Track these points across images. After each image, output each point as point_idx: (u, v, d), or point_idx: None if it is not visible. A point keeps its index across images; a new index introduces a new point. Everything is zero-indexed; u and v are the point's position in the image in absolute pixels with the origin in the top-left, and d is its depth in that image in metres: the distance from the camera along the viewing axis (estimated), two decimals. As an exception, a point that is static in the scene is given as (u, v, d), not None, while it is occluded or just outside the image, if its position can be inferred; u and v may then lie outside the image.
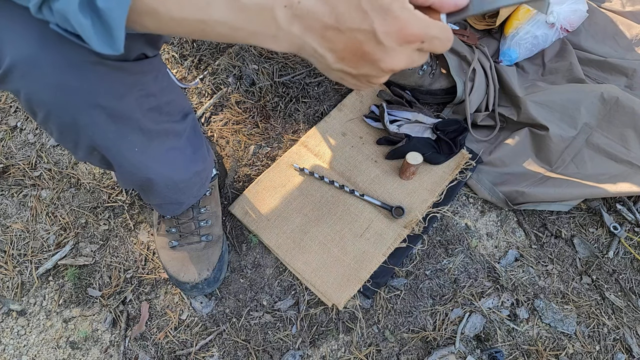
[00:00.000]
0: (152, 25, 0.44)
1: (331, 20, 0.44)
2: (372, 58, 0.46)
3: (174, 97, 0.73)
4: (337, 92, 1.28)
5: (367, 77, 0.49)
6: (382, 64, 0.46)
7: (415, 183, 1.15)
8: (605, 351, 1.03)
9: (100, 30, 0.41)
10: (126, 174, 0.75)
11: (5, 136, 1.23)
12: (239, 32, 0.45)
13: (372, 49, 0.45)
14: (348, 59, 0.47)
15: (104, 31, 0.41)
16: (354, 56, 0.46)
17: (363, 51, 0.46)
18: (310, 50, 0.47)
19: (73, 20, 0.40)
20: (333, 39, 0.45)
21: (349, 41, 0.45)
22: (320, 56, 0.47)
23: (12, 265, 1.09)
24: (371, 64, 0.47)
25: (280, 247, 1.08)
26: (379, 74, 0.49)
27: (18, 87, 0.53)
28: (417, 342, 1.03)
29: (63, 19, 0.41)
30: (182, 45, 1.34)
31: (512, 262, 1.11)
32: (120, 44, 0.42)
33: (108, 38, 0.42)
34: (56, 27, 0.43)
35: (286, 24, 0.44)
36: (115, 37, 0.41)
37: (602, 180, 1.12)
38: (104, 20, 0.40)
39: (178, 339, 1.03)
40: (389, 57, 0.46)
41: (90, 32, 0.41)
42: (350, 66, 0.48)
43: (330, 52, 0.47)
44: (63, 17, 0.41)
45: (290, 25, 0.44)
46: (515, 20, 1.23)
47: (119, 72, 0.57)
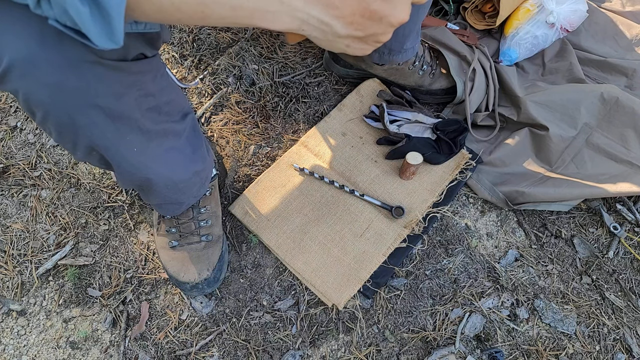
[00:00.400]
0: (153, 12, 0.43)
1: None
2: (380, 15, 0.48)
3: (173, 97, 0.73)
4: (337, 92, 1.28)
5: (374, 36, 0.51)
6: (391, 18, 0.48)
7: (415, 183, 1.15)
8: (605, 351, 1.03)
9: (99, 19, 0.40)
10: (125, 174, 0.75)
11: (5, 136, 1.23)
12: (240, 11, 0.45)
13: (380, 7, 0.47)
14: (357, 22, 0.48)
15: (102, 21, 0.41)
16: (362, 17, 0.48)
17: (371, 10, 0.47)
18: (314, 22, 0.47)
19: (71, 9, 0.39)
20: (339, 5, 0.46)
21: (356, 4, 0.46)
22: (326, 25, 0.48)
23: (12, 265, 1.09)
24: (379, 22, 0.48)
25: (280, 247, 1.08)
26: (387, 29, 0.50)
27: (16, 87, 0.53)
28: (417, 342, 1.03)
29: (62, 10, 0.40)
30: (182, 45, 1.34)
31: (512, 262, 1.11)
32: (120, 36, 0.42)
33: (107, 28, 0.41)
34: (55, 22, 0.42)
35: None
36: (114, 27, 0.41)
37: (602, 180, 1.12)
38: (103, 7, 0.40)
39: (178, 339, 1.03)
40: (397, 10, 0.48)
41: (89, 22, 0.40)
42: (359, 29, 0.49)
43: (337, 19, 0.47)
44: (62, 9, 0.40)
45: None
46: (515, 20, 1.23)
47: (118, 72, 0.57)
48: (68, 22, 0.42)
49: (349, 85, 1.29)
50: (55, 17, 0.41)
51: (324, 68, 1.30)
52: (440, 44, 1.21)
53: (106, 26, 0.41)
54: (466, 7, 1.31)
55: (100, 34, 0.41)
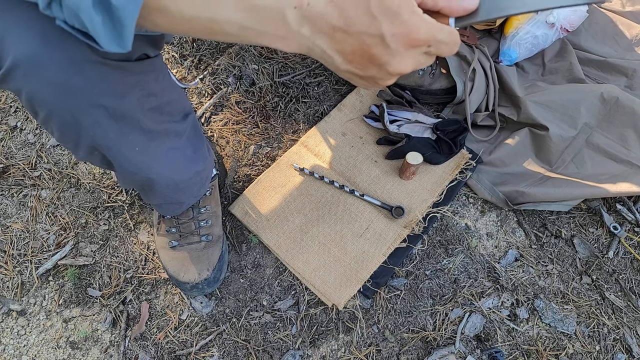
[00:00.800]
0: (163, 23, 0.44)
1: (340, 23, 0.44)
2: (379, 61, 0.47)
3: (175, 97, 0.73)
4: (337, 92, 1.28)
5: (374, 78, 0.50)
6: (389, 67, 0.47)
7: (415, 183, 1.15)
8: (605, 351, 1.03)
9: (110, 27, 0.41)
10: (127, 173, 0.75)
11: (5, 136, 1.23)
12: (248, 31, 0.45)
13: (380, 52, 0.46)
14: (356, 61, 0.47)
15: (113, 28, 0.41)
16: (362, 58, 0.47)
17: (370, 54, 0.46)
18: (319, 51, 0.47)
19: (84, 16, 0.40)
20: (341, 41, 0.46)
21: (356, 44, 0.46)
22: (329, 57, 0.48)
23: (12, 265, 1.09)
24: (378, 67, 0.48)
25: (280, 247, 1.08)
26: (386, 76, 0.49)
27: (20, 86, 0.53)
28: (417, 342, 1.03)
29: (73, 15, 0.40)
30: (182, 45, 1.34)
31: (512, 262, 1.11)
32: (129, 42, 0.42)
33: (117, 36, 0.41)
34: (63, 23, 0.43)
35: (296, 25, 0.44)
36: (125, 35, 0.41)
37: (602, 180, 1.12)
38: (116, 17, 0.40)
39: (178, 339, 1.03)
40: (396, 60, 0.46)
41: (100, 29, 0.40)
42: (358, 68, 0.48)
43: (338, 54, 0.47)
44: (73, 13, 0.40)
45: (300, 26, 0.44)
46: (515, 20, 1.23)
47: (121, 71, 0.57)
48: (77, 25, 0.42)
49: (349, 85, 1.29)
50: (64, 19, 0.42)
51: (324, 68, 1.30)
52: (440, 44, 1.21)
53: (116, 34, 0.41)
54: (466, 7, 1.31)
55: (110, 41, 0.42)
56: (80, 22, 0.41)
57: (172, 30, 0.45)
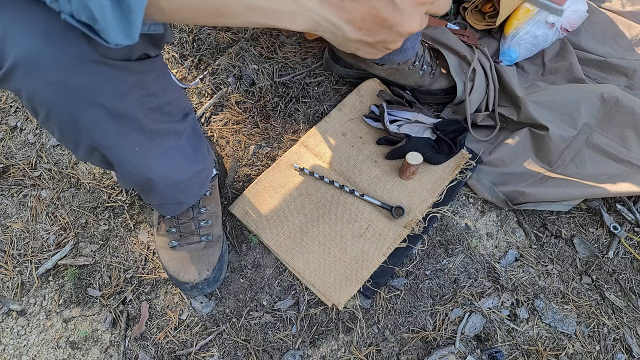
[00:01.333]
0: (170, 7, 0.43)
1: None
2: (390, 23, 0.48)
3: (175, 97, 0.73)
4: (337, 92, 1.28)
5: (384, 42, 0.51)
6: (400, 28, 0.49)
7: (415, 183, 1.15)
8: (605, 351, 1.03)
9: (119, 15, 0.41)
10: (126, 173, 0.75)
11: (5, 136, 1.23)
12: (256, 11, 0.45)
13: (390, 15, 0.47)
14: (367, 27, 0.48)
15: (122, 15, 0.41)
16: (373, 24, 0.48)
17: (382, 18, 0.47)
18: (326, 24, 0.48)
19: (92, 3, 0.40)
20: (351, 10, 0.47)
21: (367, 10, 0.47)
22: (337, 28, 0.49)
23: (12, 265, 1.09)
24: (389, 29, 0.49)
25: (280, 247, 1.08)
26: (397, 38, 0.51)
27: (20, 86, 0.53)
28: (417, 342, 1.03)
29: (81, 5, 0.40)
30: (182, 45, 1.34)
31: (512, 262, 1.11)
32: (137, 32, 0.42)
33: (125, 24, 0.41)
34: (69, 17, 0.42)
35: None
36: (133, 22, 0.41)
37: (602, 180, 1.12)
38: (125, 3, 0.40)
39: (178, 339, 1.03)
40: (407, 20, 0.49)
41: (109, 16, 0.40)
42: (369, 34, 0.49)
43: (348, 24, 0.48)
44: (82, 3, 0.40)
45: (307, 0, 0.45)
46: (515, 20, 1.23)
47: (121, 71, 0.57)
48: (83, 17, 0.41)
49: (349, 85, 1.29)
50: (70, 11, 0.41)
51: (324, 68, 1.31)
52: (440, 44, 1.21)
53: (125, 21, 0.41)
54: (466, 7, 1.31)
55: (117, 29, 0.42)
56: (89, 13, 0.41)
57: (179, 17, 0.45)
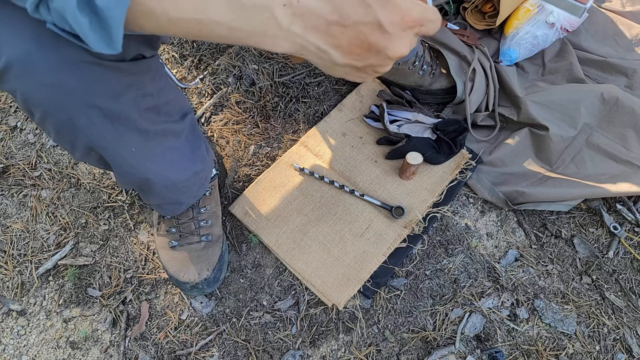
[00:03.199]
0: (149, 25, 0.43)
1: (335, 17, 0.44)
2: (378, 48, 0.47)
3: (172, 97, 0.73)
4: (337, 92, 1.28)
5: (373, 67, 0.50)
6: (389, 52, 0.48)
7: (415, 183, 1.15)
8: (605, 351, 1.03)
9: (98, 29, 0.41)
10: (124, 174, 0.75)
11: (5, 136, 1.23)
12: (237, 32, 0.44)
13: (378, 39, 0.46)
14: (355, 52, 0.48)
15: (101, 30, 0.41)
16: (360, 48, 0.47)
17: (369, 42, 0.46)
18: (313, 49, 0.47)
19: (70, 18, 0.40)
20: (338, 35, 0.46)
21: (354, 35, 0.46)
22: (324, 53, 0.47)
23: (12, 265, 1.09)
24: (377, 54, 0.48)
25: (280, 247, 1.08)
26: (385, 62, 0.50)
27: (14, 87, 0.53)
28: (417, 342, 1.03)
29: (60, 17, 0.40)
30: (182, 45, 1.34)
31: (512, 262, 1.11)
32: (118, 44, 0.42)
33: (106, 37, 0.41)
34: (53, 26, 0.42)
35: (287, 24, 0.44)
36: (114, 37, 0.41)
37: (602, 180, 1.12)
38: (102, 19, 0.40)
39: (178, 339, 1.03)
40: (395, 44, 0.47)
41: (87, 31, 0.40)
42: (357, 59, 0.48)
43: (335, 49, 0.47)
44: (60, 16, 0.40)
45: (291, 24, 0.44)
46: (515, 20, 1.23)
47: (116, 72, 0.57)
48: (66, 27, 0.42)
49: (349, 85, 1.29)
50: (53, 21, 0.42)
51: (324, 68, 1.30)
52: (440, 44, 1.21)
53: (105, 35, 0.41)
54: (466, 7, 1.31)
55: (98, 42, 0.41)
56: (68, 25, 0.41)
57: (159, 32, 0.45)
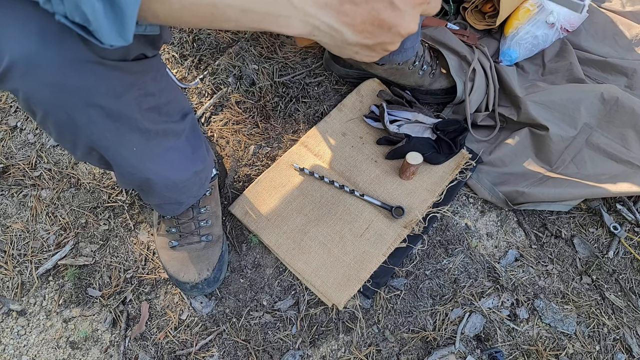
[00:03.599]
0: (162, 11, 0.43)
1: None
2: (390, 24, 0.48)
3: (173, 97, 0.73)
4: (337, 92, 1.28)
5: (383, 44, 0.51)
6: (400, 29, 0.49)
7: (415, 183, 1.15)
8: (605, 351, 1.03)
9: (111, 16, 0.40)
10: (125, 174, 0.75)
11: (5, 136, 1.23)
12: (251, 14, 0.44)
13: (390, 16, 0.47)
14: (367, 30, 0.49)
15: (115, 18, 0.41)
16: (372, 26, 0.48)
17: (381, 19, 0.48)
18: (325, 28, 0.48)
19: (85, 5, 0.39)
20: (350, 13, 0.47)
21: (366, 12, 0.47)
22: (337, 32, 0.48)
23: (12, 265, 1.09)
24: (388, 31, 0.49)
25: (280, 247, 1.08)
26: (395, 39, 0.51)
27: (17, 87, 0.53)
28: (417, 342, 1.03)
29: (74, 6, 0.40)
30: (182, 45, 1.34)
31: (512, 262, 1.11)
32: (130, 34, 0.42)
33: (119, 25, 0.41)
34: (63, 18, 0.42)
35: (299, 3, 0.44)
36: (126, 24, 0.41)
37: (602, 180, 1.12)
38: (117, 5, 0.40)
39: (178, 339, 1.03)
40: (406, 21, 0.49)
41: (101, 18, 0.40)
42: (368, 37, 0.50)
43: (347, 27, 0.48)
44: (74, 5, 0.40)
45: (304, 4, 0.45)
46: (515, 20, 1.23)
47: (118, 71, 0.57)
48: (77, 19, 0.41)
49: (349, 85, 1.29)
50: (64, 12, 0.41)
51: (324, 68, 1.30)
52: (440, 44, 1.21)
53: (118, 23, 0.41)
54: (466, 7, 1.31)
55: (111, 31, 0.41)
56: (82, 14, 0.40)
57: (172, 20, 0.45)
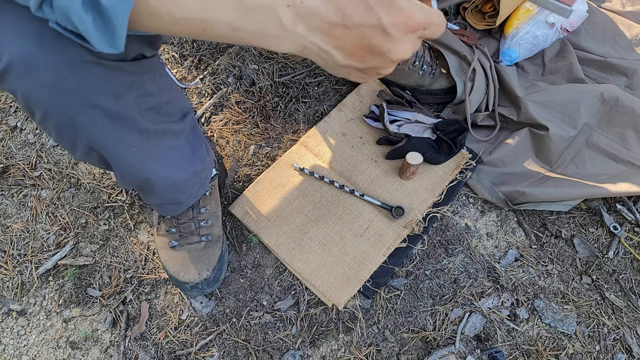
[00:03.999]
0: (152, 24, 0.43)
1: (338, 18, 0.44)
2: (380, 50, 0.47)
3: (173, 97, 0.73)
4: (337, 92, 1.28)
5: (374, 69, 0.50)
6: (391, 55, 0.48)
7: (415, 183, 1.15)
8: (605, 351, 1.03)
9: (101, 28, 0.41)
10: (125, 174, 0.75)
11: (5, 136, 1.23)
12: (241, 32, 0.44)
13: (381, 42, 0.46)
14: (357, 54, 0.48)
15: (105, 29, 0.41)
16: (362, 50, 0.47)
17: (371, 45, 0.46)
18: (315, 49, 0.47)
19: (74, 17, 0.40)
20: (340, 37, 0.46)
21: (357, 37, 0.46)
22: (326, 54, 0.48)
23: (12, 265, 1.09)
24: (379, 56, 0.48)
25: (280, 247, 1.08)
26: (387, 64, 0.50)
27: (15, 87, 0.53)
28: (417, 342, 1.03)
29: (64, 16, 0.40)
30: (182, 45, 1.34)
31: (512, 262, 1.11)
32: (121, 43, 0.42)
33: (109, 36, 0.41)
34: (56, 25, 0.42)
35: (290, 24, 0.44)
36: (117, 36, 0.41)
37: (602, 180, 1.12)
38: (106, 17, 0.40)
39: (178, 339, 1.03)
40: (397, 47, 0.47)
41: (91, 30, 0.40)
42: (359, 61, 0.48)
43: (337, 50, 0.47)
44: (64, 14, 0.40)
45: (295, 25, 0.44)
46: (515, 20, 1.23)
47: (117, 72, 0.57)
48: (69, 26, 0.42)
49: (349, 85, 1.29)
50: (56, 20, 0.41)
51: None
52: (440, 44, 1.21)
53: (108, 35, 0.41)
54: (466, 7, 1.31)
55: (101, 41, 0.42)
56: (72, 23, 0.41)
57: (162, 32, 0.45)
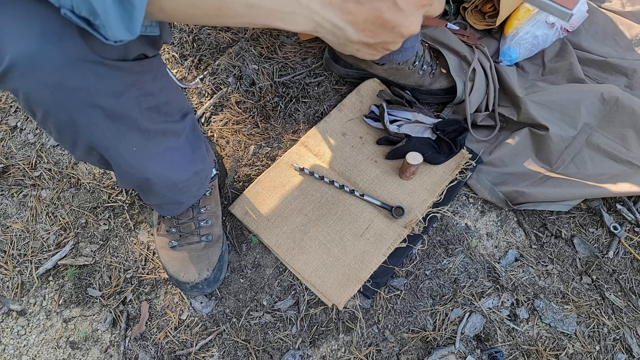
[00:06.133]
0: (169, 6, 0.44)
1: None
2: (392, 25, 0.49)
3: (173, 97, 0.73)
4: (337, 92, 1.28)
5: (384, 44, 0.52)
6: (402, 29, 0.49)
7: (415, 183, 1.15)
8: (605, 351, 1.03)
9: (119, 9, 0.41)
10: (125, 173, 0.75)
11: (5, 136, 1.23)
12: (257, 10, 0.45)
13: (393, 16, 0.48)
14: (369, 29, 0.49)
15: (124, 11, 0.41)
16: (374, 25, 0.49)
17: (384, 19, 0.48)
18: (328, 25, 0.48)
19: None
20: (354, 12, 0.47)
21: (369, 12, 0.47)
22: (339, 30, 0.49)
23: (12, 265, 1.09)
24: (391, 31, 0.50)
25: (280, 247, 1.08)
26: (397, 39, 0.51)
27: (17, 87, 0.53)
28: (417, 342, 1.03)
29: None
30: (182, 45, 1.34)
31: (512, 262, 1.11)
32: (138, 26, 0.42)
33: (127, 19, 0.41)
34: (69, 12, 0.42)
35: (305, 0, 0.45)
36: (135, 17, 0.41)
37: (602, 180, 1.12)
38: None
39: (178, 339, 1.03)
40: (408, 21, 0.49)
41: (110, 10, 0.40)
42: (370, 36, 0.50)
43: (350, 25, 0.48)
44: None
45: (309, 1, 0.45)
46: (515, 20, 1.23)
47: (118, 71, 0.57)
48: (83, 11, 0.42)
49: (349, 85, 1.29)
50: (71, 5, 0.41)
51: (324, 68, 1.30)
52: (440, 44, 1.21)
53: (126, 16, 0.41)
54: (466, 7, 1.31)
55: (118, 24, 0.42)
56: (89, 7, 0.41)
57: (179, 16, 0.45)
